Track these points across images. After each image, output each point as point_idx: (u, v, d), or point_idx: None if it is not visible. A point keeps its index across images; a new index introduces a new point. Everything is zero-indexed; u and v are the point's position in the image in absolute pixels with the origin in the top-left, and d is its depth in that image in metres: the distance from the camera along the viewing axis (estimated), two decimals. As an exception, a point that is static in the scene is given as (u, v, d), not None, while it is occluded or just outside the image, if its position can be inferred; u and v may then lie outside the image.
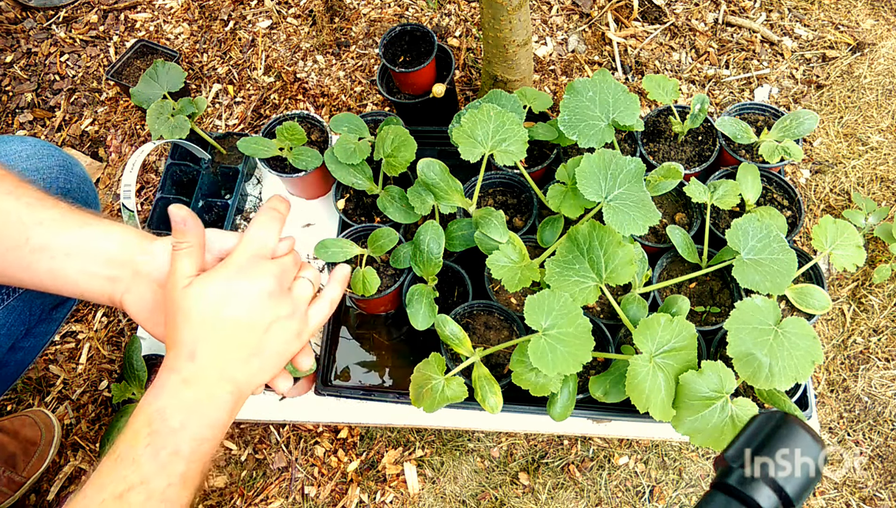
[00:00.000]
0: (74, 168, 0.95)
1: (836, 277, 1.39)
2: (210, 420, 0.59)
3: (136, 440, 0.56)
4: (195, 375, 0.59)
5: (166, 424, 0.57)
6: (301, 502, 1.28)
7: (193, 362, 0.59)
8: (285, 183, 1.38)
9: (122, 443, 0.57)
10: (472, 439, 1.30)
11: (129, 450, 0.56)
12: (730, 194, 1.09)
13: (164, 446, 0.56)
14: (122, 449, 0.56)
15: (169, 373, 0.59)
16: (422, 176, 1.06)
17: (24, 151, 0.88)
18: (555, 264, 0.96)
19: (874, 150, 1.50)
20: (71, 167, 0.94)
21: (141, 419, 0.58)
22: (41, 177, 0.88)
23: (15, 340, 0.89)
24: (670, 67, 1.62)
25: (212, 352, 0.60)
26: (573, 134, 1.06)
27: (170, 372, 0.59)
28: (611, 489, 1.25)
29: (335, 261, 1.13)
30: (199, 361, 0.59)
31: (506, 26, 1.20)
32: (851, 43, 1.61)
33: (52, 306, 0.96)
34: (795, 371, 0.84)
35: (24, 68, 1.79)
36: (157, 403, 0.58)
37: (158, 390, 0.59)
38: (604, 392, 0.95)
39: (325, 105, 1.63)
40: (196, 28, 1.78)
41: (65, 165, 0.92)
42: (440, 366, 0.98)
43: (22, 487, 1.25)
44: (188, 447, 0.57)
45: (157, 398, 0.58)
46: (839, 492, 1.23)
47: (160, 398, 0.58)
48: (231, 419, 0.62)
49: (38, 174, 0.88)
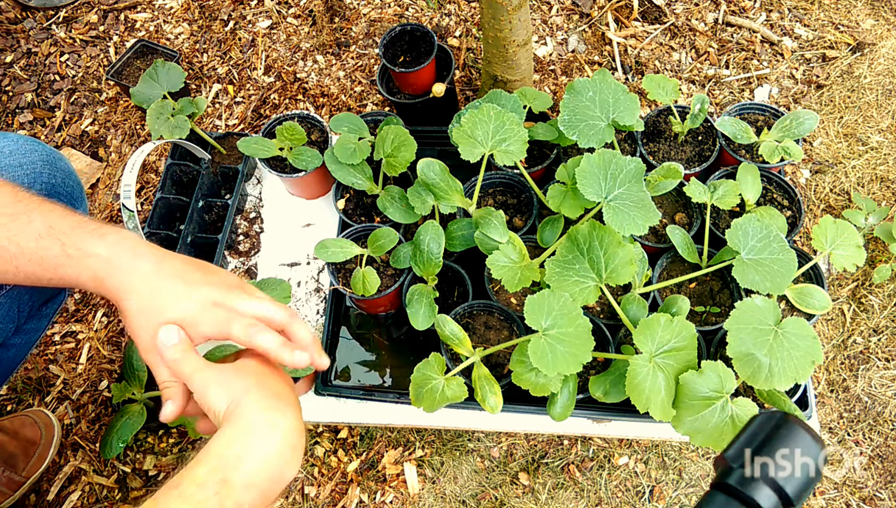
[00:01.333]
0: (59, 162, 0.93)
1: (836, 277, 1.39)
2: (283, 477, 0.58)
3: (205, 484, 0.54)
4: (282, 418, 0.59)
5: (241, 475, 0.55)
6: (301, 502, 1.27)
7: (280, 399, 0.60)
8: (285, 183, 1.38)
9: (190, 482, 0.55)
10: (472, 439, 1.30)
11: (197, 492, 0.54)
12: (730, 194, 1.09)
13: (231, 496, 0.54)
14: (189, 490, 0.54)
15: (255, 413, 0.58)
16: (422, 176, 1.06)
17: (7, 148, 0.87)
18: (555, 264, 0.96)
19: (874, 150, 1.50)
20: (55, 162, 0.92)
21: (215, 462, 0.55)
22: (25, 173, 0.87)
23: (4, 338, 0.88)
24: (670, 67, 1.62)
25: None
26: (573, 134, 1.06)
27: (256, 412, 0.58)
28: (611, 489, 1.25)
29: (335, 261, 1.13)
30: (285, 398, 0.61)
31: (506, 26, 1.20)
32: (851, 43, 1.61)
33: (42, 303, 0.96)
34: (795, 371, 0.84)
35: (24, 68, 1.79)
36: (238, 448, 0.56)
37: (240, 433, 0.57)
38: (604, 392, 0.95)
39: (325, 105, 1.63)
40: (196, 28, 1.78)
41: (48, 160, 0.91)
42: (440, 366, 0.98)
43: (22, 487, 1.25)
44: (252, 502, 0.56)
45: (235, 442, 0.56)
46: (839, 492, 1.23)
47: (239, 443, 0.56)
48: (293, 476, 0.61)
49: (21, 170, 0.87)
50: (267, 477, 0.56)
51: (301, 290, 1.33)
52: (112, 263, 0.64)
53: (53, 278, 0.66)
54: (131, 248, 0.65)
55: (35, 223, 0.66)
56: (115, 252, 0.64)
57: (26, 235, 0.65)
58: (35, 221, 0.66)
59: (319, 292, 1.32)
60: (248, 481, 0.55)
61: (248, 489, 0.55)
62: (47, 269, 0.65)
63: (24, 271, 0.66)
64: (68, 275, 0.65)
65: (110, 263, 0.64)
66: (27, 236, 0.65)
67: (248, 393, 0.59)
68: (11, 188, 0.69)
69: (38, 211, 0.67)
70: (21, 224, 0.66)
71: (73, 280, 0.65)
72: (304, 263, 1.35)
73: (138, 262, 0.64)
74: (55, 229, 0.66)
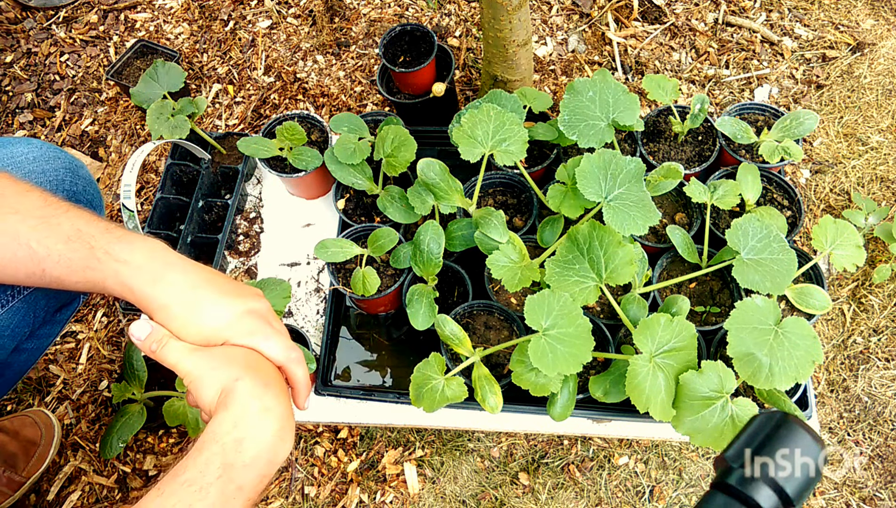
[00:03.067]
0: (80, 171, 0.95)
1: (836, 277, 1.39)
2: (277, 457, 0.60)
3: (207, 468, 0.56)
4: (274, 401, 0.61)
5: (241, 457, 0.57)
6: (301, 502, 1.28)
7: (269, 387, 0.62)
8: (285, 183, 1.38)
9: (193, 468, 0.56)
10: (472, 439, 1.30)
11: (200, 477, 0.56)
12: (730, 194, 1.09)
13: (233, 480, 0.57)
14: (192, 475, 0.56)
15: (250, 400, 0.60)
16: (422, 176, 1.06)
17: (31, 154, 0.88)
18: (555, 264, 0.96)
19: (874, 150, 1.50)
20: (77, 170, 0.94)
21: (215, 447, 0.57)
22: (48, 179, 0.88)
23: (18, 342, 0.88)
24: (670, 67, 1.62)
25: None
26: (573, 134, 1.06)
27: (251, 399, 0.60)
28: (611, 489, 1.25)
29: (335, 261, 1.13)
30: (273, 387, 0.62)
31: (506, 26, 1.20)
32: (851, 43, 1.61)
33: (57, 309, 0.96)
34: (795, 371, 0.84)
35: (24, 68, 1.79)
36: (236, 432, 0.58)
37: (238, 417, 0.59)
38: (604, 392, 0.95)
39: (325, 105, 1.63)
40: (196, 28, 1.78)
41: (71, 168, 0.93)
42: (440, 366, 0.98)
43: (22, 487, 1.25)
44: (251, 484, 0.58)
45: (236, 426, 0.58)
46: (839, 492, 1.23)
47: (241, 427, 0.58)
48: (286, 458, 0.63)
49: (44, 177, 0.88)
50: (265, 460, 0.59)
51: (301, 290, 1.33)
52: (144, 270, 0.65)
53: (79, 282, 0.67)
54: (162, 258, 0.66)
55: (64, 226, 0.67)
56: (145, 261, 0.65)
57: (55, 237, 0.66)
58: (63, 224, 0.67)
59: (319, 292, 1.32)
60: (247, 464, 0.58)
61: (247, 471, 0.58)
62: (74, 271, 0.66)
63: (50, 274, 0.67)
64: (94, 279, 0.66)
65: (141, 270, 0.65)
66: (56, 239, 0.66)
67: (240, 380, 0.61)
68: (40, 193, 0.70)
69: (66, 215, 0.68)
70: (50, 227, 0.67)
71: (99, 284, 0.66)
72: (304, 263, 1.35)
73: (170, 272, 0.65)
74: (84, 232, 0.67)
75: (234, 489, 0.56)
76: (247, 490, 0.57)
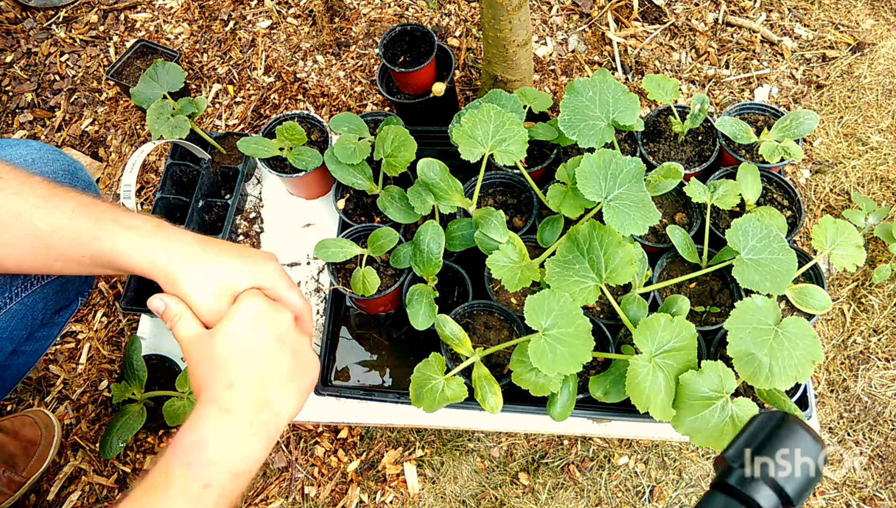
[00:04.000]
0: (79, 172, 0.95)
1: (836, 277, 1.39)
2: (246, 453, 0.60)
3: (169, 470, 0.57)
4: (234, 402, 0.60)
5: (202, 456, 0.57)
6: (301, 502, 1.28)
7: (231, 390, 0.60)
8: (285, 183, 1.38)
9: (155, 473, 0.57)
10: (472, 439, 1.30)
11: (161, 480, 0.56)
12: (730, 194, 1.09)
13: (197, 478, 0.57)
14: (154, 479, 0.57)
15: (206, 405, 0.60)
16: (422, 176, 1.06)
17: (30, 156, 0.88)
18: (555, 264, 0.96)
19: (874, 150, 1.50)
20: (76, 172, 0.94)
21: (175, 451, 0.58)
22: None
23: (17, 344, 0.88)
24: (670, 67, 1.62)
25: (249, 377, 0.61)
26: (573, 134, 1.06)
27: (207, 404, 0.60)
28: (611, 489, 1.25)
29: (335, 261, 1.13)
30: (237, 387, 0.61)
31: (506, 26, 1.20)
32: (851, 43, 1.61)
33: (55, 311, 0.96)
34: (795, 371, 0.84)
35: (24, 68, 1.79)
36: (192, 435, 0.58)
37: (196, 422, 0.59)
38: (604, 392, 0.95)
39: (325, 105, 1.63)
40: (196, 28, 1.78)
41: (70, 170, 0.93)
42: (440, 366, 0.97)
43: (22, 487, 1.25)
44: (220, 480, 0.58)
45: (192, 430, 0.59)
46: (839, 492, 1.23)
47: (197, 430, 0.59)
48: (265, 455, 0.62)
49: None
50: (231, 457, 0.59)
51: (301, 290, 1.33)
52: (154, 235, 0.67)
53: (85, 257, 0.68)
54: (168, 227, 0.69)
55: (69, 203, 0.68)
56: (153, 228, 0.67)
57: (59, 213, 0.67)
58: (68, 201, 0.68)
59: (319, 292, 1.32)
60: (212, 461, 0.58)
61: (213, 469, 0.58)
62: (81, 244, 0.67)
63: (56, 250, 0.68)
64: (102, 250, 0.66)
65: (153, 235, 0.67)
66: (60, 215, 0.67)
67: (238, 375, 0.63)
68: (48, 181, 0.71)
69: (69, 194, 0.70)
70: (54, 204, 0.68)
71: (106, 256, 0.66)
72: (304, 263, 1.35)
73: (179, 236, 0.68)
74: (90, 206, 0.68)
75: (200, 487, 0.56)
76: (217, 487, 0.57)
